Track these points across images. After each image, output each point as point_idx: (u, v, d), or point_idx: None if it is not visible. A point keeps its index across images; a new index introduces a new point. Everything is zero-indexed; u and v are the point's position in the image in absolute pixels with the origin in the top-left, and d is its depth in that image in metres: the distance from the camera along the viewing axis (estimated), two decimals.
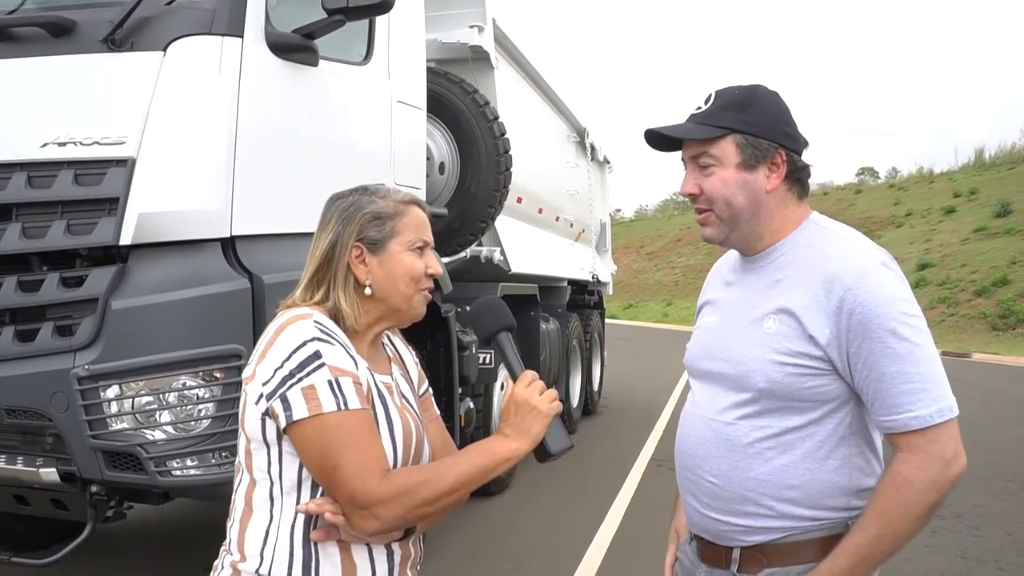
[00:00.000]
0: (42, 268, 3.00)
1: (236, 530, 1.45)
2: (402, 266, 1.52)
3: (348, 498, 1.36)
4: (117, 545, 4.78)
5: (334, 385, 1.38)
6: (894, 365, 1.42)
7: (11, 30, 3.07)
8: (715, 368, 1.64)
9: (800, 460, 1.51)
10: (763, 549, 1.54)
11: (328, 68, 3.59)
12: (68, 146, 2.93)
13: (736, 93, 1.61)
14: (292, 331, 1.41)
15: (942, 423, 1.42)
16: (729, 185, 1.58)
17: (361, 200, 1.53)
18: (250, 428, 1.42)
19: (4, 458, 3.00)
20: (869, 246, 1.56)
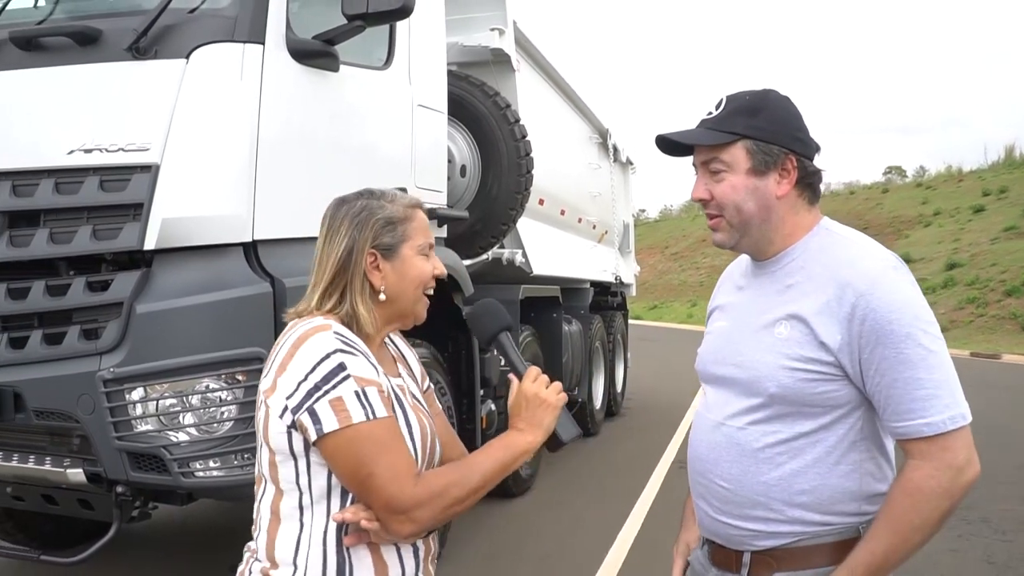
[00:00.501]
0: (69, 273, 3.06)
1: (264, 539, 1.46)
2: (414, 270, 1.55)
3: (384, 504, 1.39)
4: (143, 545, 4.85)
5: (361, 396, 1.40)
6: (907, 371, 1.42)
7: (40, 40, 3.13)
8: (726, 373, 1.64)
9: (811, 465, 1.51)
10: (773, 553, 1.54)
11: (349, 73, 3.63)
12: (94, 153, 2.98)
13: (747, 98, 1.61)
14: (313, 343, 1.41)
15: (954, 430, 1.41)
16: (739, 191, 1.58)
17: (371, 205, 1.53)
18: (275, 441, 1.42)
19: (33, 459, 3.07)
20: (880, 251, 1.55)
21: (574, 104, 7.98)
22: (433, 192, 4.50)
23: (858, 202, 41.61)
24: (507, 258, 5.93)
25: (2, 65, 3.18)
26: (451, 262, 4.63)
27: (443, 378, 4.50)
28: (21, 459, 3.07)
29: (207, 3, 3.08)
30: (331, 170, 3.52)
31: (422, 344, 4.38)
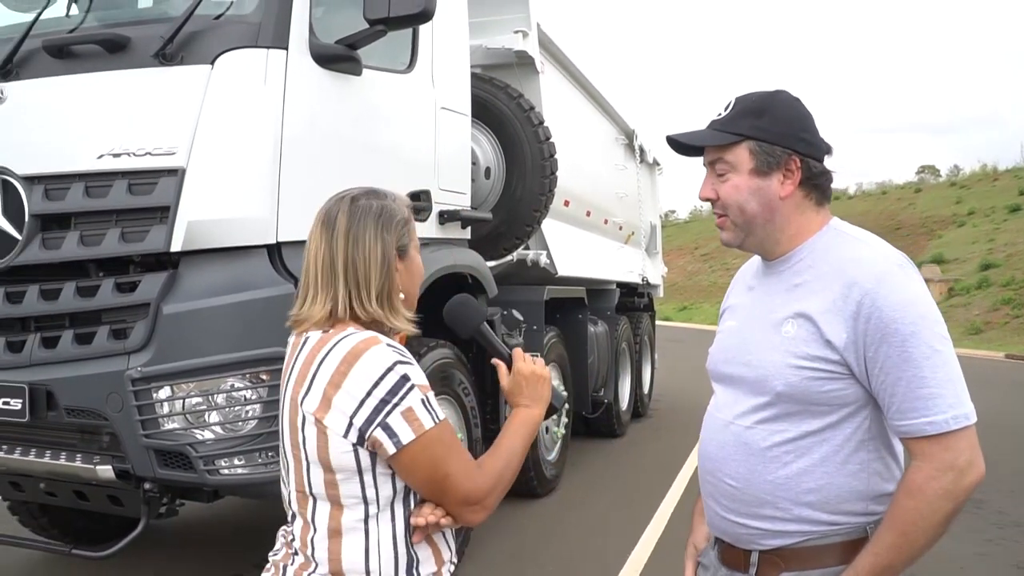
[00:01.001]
0: (99, 274, 3.13)
1: (324, 553, 1.45)
2: (419, 268, 1.59)
3: (463, 499, 1.47)
4: (174, 541, 4.94)
5: (426, 402, 1.44)
6: (910, 369, 1.42)
7: (71, 48, 3.22)
8: (735, 372, 1.65)
9: (818, 464, 1.51)
10: (781, 553, 1.55)
11: (372, 77, 3.68)
12: (122, 157, 3.05)
13: (754, 100, 1.62)
14: (371, 358, 1.41)
15: (957, 430, 1.41)
16: (742, 191, 1.60)
17: (387, 205, 1.53)
18: (338, 461, 1.41)
19: (64, 455, 3.14)
20: (888, 250, 1.55)
21: (599, 105, 7.98)
22: (457, 194, 4.54)
23: (890, 202, 41.06)
24: (532, 259, 5.96)
25: (35, 73, 3.28)
26: (475, 264, 4.67)
27: (467, 379, 4.52)
28: (53, 456, 3.15)
29: (232, 9, 3.16)
30: (354, 173, 3.56)
31: (446, 345, 4.41)
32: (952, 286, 26.52)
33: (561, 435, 6.46)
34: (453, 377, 4.39)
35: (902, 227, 36.62)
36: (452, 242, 4.51)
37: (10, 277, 3.24)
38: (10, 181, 3.22)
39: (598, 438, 8.25)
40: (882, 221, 38.51)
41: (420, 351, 4.11)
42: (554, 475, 6.27)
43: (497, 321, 5.04)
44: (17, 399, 3.12)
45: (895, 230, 37.93)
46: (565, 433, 6.57)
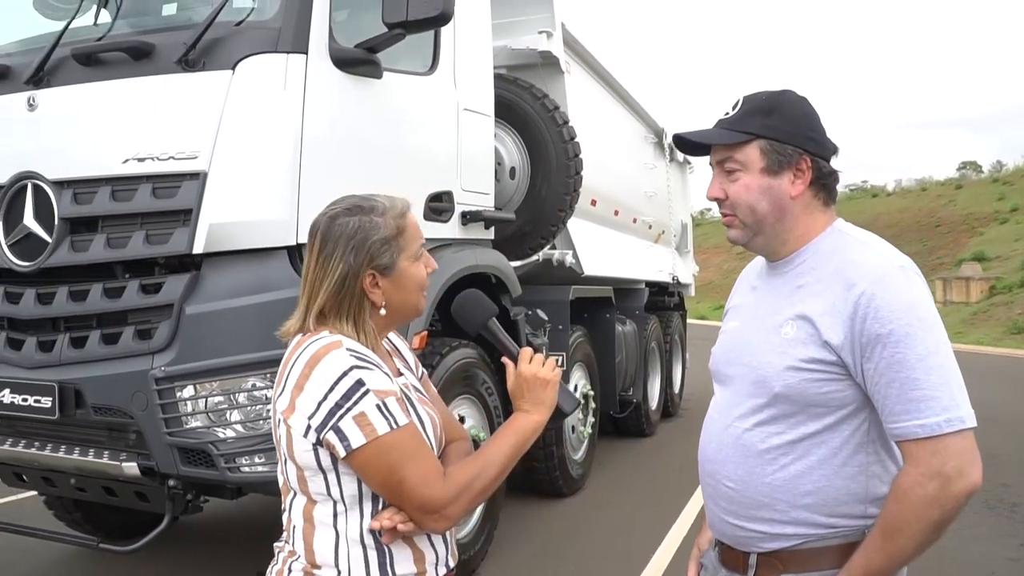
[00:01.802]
0: (124, 276, 3.21)
1: (301, 544, 1.51)
2: (412, 279, 1.59)
3: (418, 506, 1.46)
4: (201, 537, 5.04)
5: (382, 408, 1.45)
6: (904, 371, 1.40)
7: (99, 55, 3.30)
8: (735, 373, 1.65)
9: (816, 466, 1.51)
10: (779, 556, 1.54)
11: (393, 79, 3.71)
12: (147, 161, 3.13)
13: (762, 98, 1.61)
14: (329, 362, 1.45)
15: (951, 433, 1.38)
16: (752, 191, 1.59)
17: (364, 224, 1.54)
18: (302, 458, 1.47)
19: (92, 452, 3.23)
20: (889, 252, 1.54)
21: (628, 104, 7.95)
22: (480, 195, 4.57)
23: (930, 199, 40.30)
24: (557, 259, 5.95)
25: (65, 80, 3.36)
26: (498, 264, 4.69)
27: (491, 379, 4.55)
28: (81, 452, 3.23)
29: (253, 15, 3.21)
30: (376, 174, 3.61)
31: (470, 345, 4.44)
32: (994, 284, 25.98)
33: (588, 434, 6.46)
34: (476, 377, 4.42)
35: (942, 224, 35.95)
36: (476, 242, 4.53)
37: (41, 279, 3.34)
38: (41, 186, 3.31)
39: (627, 437, 8.23)
40: (922, 218, 37.88)
41: (442, 351, 4.15)
42: (580, 474, 6.27)
43: (521, 321, 5.05)
44: (47, 397, 3.21)
45: (935, 227, 37.24)
46: (592, 432, 6.56)
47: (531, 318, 5.39)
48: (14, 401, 3.30)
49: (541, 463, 5.78)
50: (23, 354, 3.33)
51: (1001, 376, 15.91)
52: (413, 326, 3.72)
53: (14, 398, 3.30)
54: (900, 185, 49.59)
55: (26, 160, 3.37)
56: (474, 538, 4.38)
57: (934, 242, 38.80)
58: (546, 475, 5.84)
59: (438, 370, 4.03)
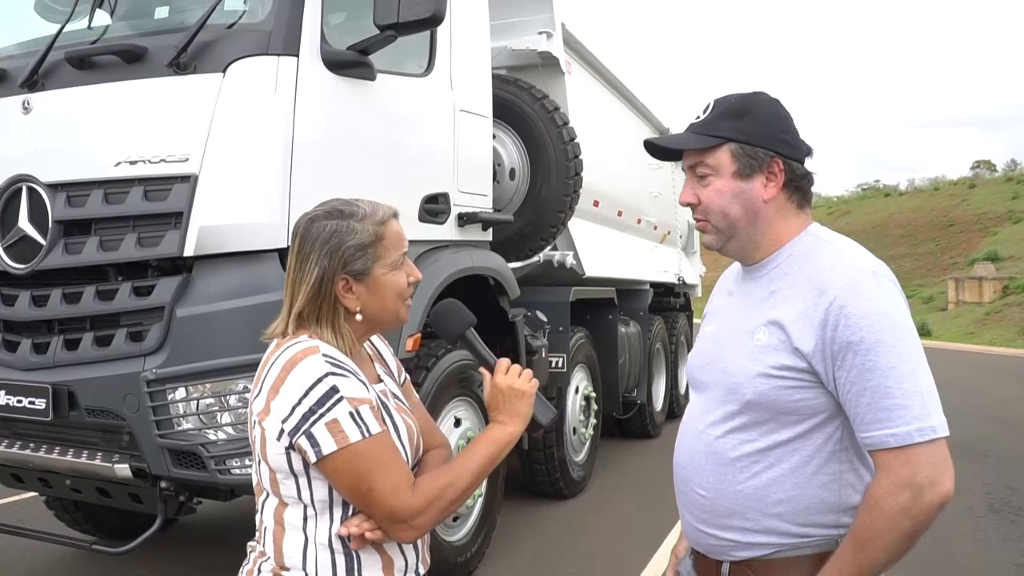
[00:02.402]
0: (117, 278, 3.22)
1: (271, 545, 1.52)
2: (388, 287, 1.58)
3: (386, 515, 1.47)
4: (202, 538, 5.06)
5: (355, 415, 1.45)
6: (875, 379, 1.38)
7: (92, 58, 3.31)
8: (709, 379, 1.63)
9: (788, 474, 1.49)
10: (751, 565, 1.53)
11: (388, 81, 3.71)
12: (138, 164, 3.14)
13: (733, 101, 1.60)
14: (304, 367, 1.45)
15: (922, 443, 1.36)
16: (724, 195, 1.57)
17: (340, 229, 1.54)
18: (274, 461, 1.48)
19: (86, 454, 3.24)
20: (862, 257, 1.51)
21: (631, 104, 7.94)
22: (477, 196, 4.56)
23: (943, 198, 40.04)
24: (558, 260, 5.94)
25: (59, 83, 3.38)
26: (495, 265, 4.68)
27: None
28: (75, 454, 3.25)
29: (244, 18, 3.22)
30: (369, 176, 3.61)
31: None
32: (1007, 284, 25.78)
33: (590, 436, 6.45)
34: (472, 379, 4.41)
35: (955, 224, 35.69)
36: (473, 244, 4.52)
37: (35, 281, 3.36)
38: (35, 188, 3.33)
39: (632, 439, 8.21)
40: (934, 218, 37.61)
41: (437, 353, 4.14)
42: (582, 476, 6.26)
43: (520, 322, 5.04)
44: (41, 399, 3.22)
45: (948, 227, 36.96)
46: (594, 434, 6.55)
47: (530, 319, 5.37)
48: (9, 402, 3.32)
49: (541, 465, 5.78)
50: (18, 356, 3.35)
51: (1013, 377, 15.80)
52: (406, 328, 3.72)
53: (9, 399, 3.32)
54: (913, 184, 49.33)
55: (21, 163, 3.39)
56: (471, 540, 4.38)
57: (947, 242, 38.54)
58: (546, 477, 5.83)
59: (433, 372, 4.03)
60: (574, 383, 6.20)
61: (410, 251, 4.15)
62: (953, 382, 14.81)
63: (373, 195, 3.59)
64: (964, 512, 5.77)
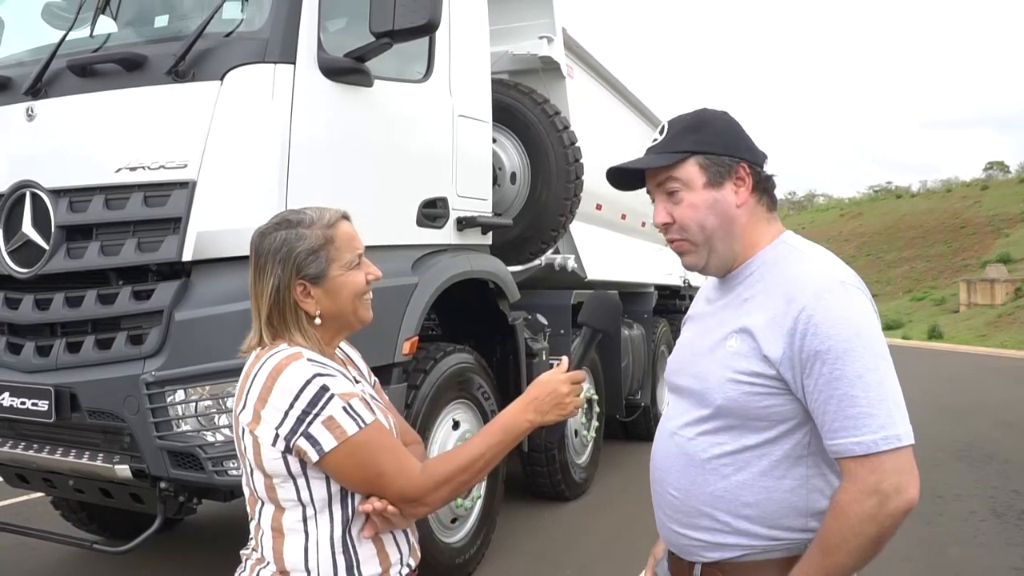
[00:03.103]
0: (118, 282, 3.28)
1: (271, 552, 1.56)
2: (345, 288, 1.63)
3: (398, 495, 1.55)
4: (206, 537, 5.12)
5: (349, 409, 1.51)
6: (842, 388, 1.41)
7: (94, 67, 3.37)
8: (683, 383, 1.67)
9: (756, 478, 1.52)
10: (722, 567, 1.55)
11: (386, 87, 3.76)
12: (138, 170, 3.20)
13: (687, 118, 1.64)
14: (291, 372, 1.50)
15: (887, 451, 1.38)
16: (699, 208, 1.59)
17: (289, 237, 1.60)
18: (271, 467, 1.52)
19: (87, 454, 3.30)
20: (832, 267, 1.54)
21: (633, 106, 7.96)
22: (477, 200, 4.60)
23: (955, 200, 39.82)
24: (559, 263, 5.98)
25: (62, 91, 3.45)
26: (494, 269, 4.72)
27: (487, 384, 4.58)
28: (77, 455, 3.30)
29: (242, 26, 3.27)
30: (366, 182, 3.66)
31: (465, 350, 4.48)
32: (1019, 286, 25.62)
33: (592, 438, 6.48)
34: (472, 381, 4.46)
35: (967, 225, 35.49)
36: (473, 248, 4.57)
37: (39, 285, 3.42)
38: (39, 194, 3.40)
39: (636, 441, 8.22)
40: (946, 219, 37.39)
41: (436, 356, 4.19)
42: (584, 478, 6.28)
43: (520, 325, 5.08)
44: (44, 401, 3.29)
45: (960, 228, 36.74)
46: (596, 436, 6.57)
47: (531, 323, 5.41)
48: (13, 404, 3.38)
49: (542, 467, 5.81)
50: (22, 358, 3.42)
51: None
52: (403, 331, 3.77)
53: (13, 401, 3.38)
54: (925, 186, 49.06)
55: (25, 169, 3.46)
56: (470, 542, 4.42)
57: (959, 243, 38.30)
58: (548, 479, 5.86)
59: (431, 375, 4.07)
60: None
61: (408, 255, 4.20)
62: (962, 385, 14.76)
63: (371, 200, 3.69)
64: (966, 516, 5.77)
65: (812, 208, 67.34)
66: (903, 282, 37.76)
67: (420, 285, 3.92)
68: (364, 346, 3.34)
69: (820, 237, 58.82)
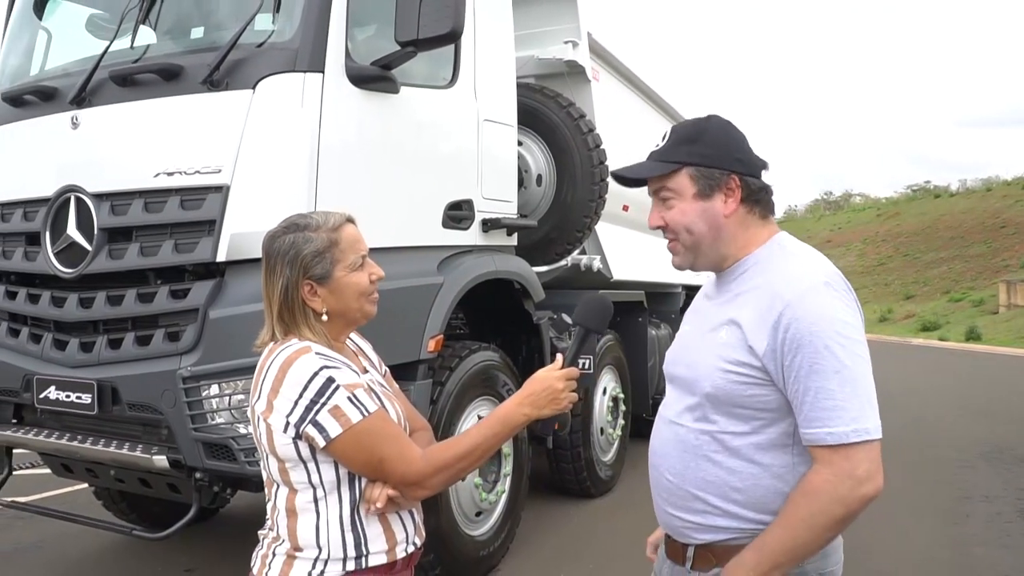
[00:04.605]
0: (156, 282, 3.45)
1: (285, 530, 1.70)
2: (349, 287, 1.75)
3: (400, 480, 1.67)
4: (235, 528, 5.29)
5: (353, 399, 1.64)
6: (819, 381, 1.51)
7: (134, 77, 3.55)
8: (678, 373, 1.78)
9: (744, 465, 1.62)
10: (713, 549, 1.65)
11: (412, 93, 3.88)
12: (175, 175, 3.36)
13: (688, 127, 1.74)
14: (300, 365, 1.63)
15: (857, 443, 1.49)
16: (688, 215, 1.71)
17: (297, 240, 1.72)
18: (283, 452, 1.65)
19: (127, 445, 3.47)
20: (817, 267, 1.64)
21: (660, 108, 8.03)
22: (502, 202, 4.71)
23: (995, 199, 39.07)
24: (586, 264, 6.07)
25: (104, 100, 3.63)
26: (519, 269, 4.82)
27: (512, 381, 4.69)
28: (118, 445, 3.48)
29: (273, 37, 3.41)
30: (393, 185, 3.79)
31: (491, 348, 4.60)
32: None
33: (618, 436, 6.56)
34: (496, 379, 4.57)
35: (1007, 225, 34.85)
36: (498, 249, 4.68)
37: (82, 284, 3.61)
38: (82, 198, 3.58)
39: None
40: (986, 219, 36.76)
41: (462, 353, 4.31)
42: (610, 476, 6.37)
43: (545, 325, 5.19)
44: (88, 394, 3.47)
45: (999, 228, 36.10)
46: (622, 435, 6.65)
47: (556, 322, 5.51)
48: (59, 397, 3.57)
49: (568, 464, 5.91)
50: (67, 354, 3.60)
51: None
52: (429, 329, 3.90)
53: (59, 395, 3.57)
54: (965, 185, 48.20)
55: (70, 175, 3.65)
56: (494, 535, 4.53)
57: (998, 244, 37.63)
58: (574, 476, 5.96)
59: (457, 372, 4.19)
60: (602, 384, 6.31)
61: (434, 255, 4.32)
62: (999, 387, 14.56)
63: (397, 202, 3.82)
64: (992, 517, 5.76)
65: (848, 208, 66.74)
66: (941, 283, 37.25)
67: (445, 285, 4.04)
68: (390, 343, 3.52)
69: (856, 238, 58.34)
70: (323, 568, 1.66)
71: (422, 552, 1.85)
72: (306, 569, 1.66)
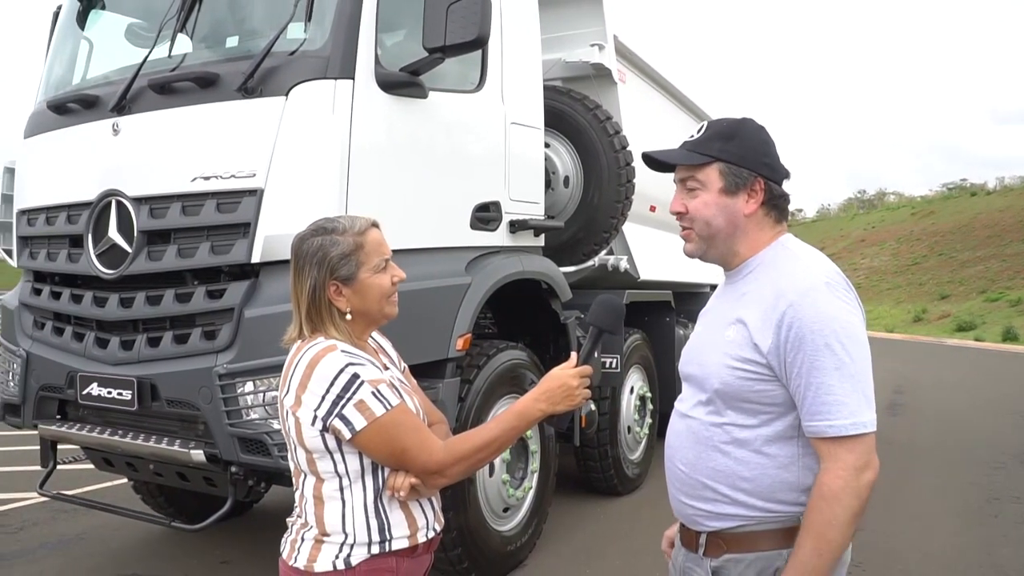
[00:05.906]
0: (193, 283, 3.57)
1: (313, 517, 1.81)
2: (373, 289, 1.85)
3: (421, 469, 1.78)
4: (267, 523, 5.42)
5: (377, 394, 1.75)
6: (820, 377, 1.59)
7: (172, 84, 3.68)
8: (690, 370, 1.86)
9: (752, 456, 1.69)
10: (723, 536, 1.73)
11: (441, 97, 3.98)
12: (212, 180, 3.48)
13: (724, 125, 1.81)
14: (327, 362, 1.74)
15: (856, 435, 1.57)
16: (710, 207, 1.78)
17: (324, 243, 1.82)
18: (311, 444, 1.75)
19: (166, 440, 3.60)
20: (819, 268, 1.71)
21: (688, 109, 8.04)
22: (529, 204, 4.79)
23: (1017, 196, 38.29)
24: (612, 264, 6.13)
25: (143, 107, 3.76)
26: (546, 270, 4.90)
27: (539, 379, 4.75)
28: (157, 440, 3.61)
29: (305, 45, 3.52)
30: (422, 188, 3.89)
31: (519, 347, 4.67)
32: None
33: (645, 435, 6.60)
34: (524, 377, 4.64)
35: None
36: (525, 250, 4.75)
37: (123, 285, 3.75)
38: (123, 202, 3.72)
39: None
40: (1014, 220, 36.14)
41: (489, 352, 4.39)
42: (637, 474, 6.42)
43: (572, 324, 5.25)
44: (128, 391, 3.60)
45: None
46: (650, 433, 6.70)
47: (583, 322, 5.57)
48: (101, 394, 3.71)
49: (595, 462, 5.97)
50: (108, 352, 3.74)
51: None
52: (457, 328, 3.99)
53: (101, 391, 3.71)
54: (1002, 182, 47.34)
55: (111, 179, 3.79)
56: (521, 531, 4.61)
57: None
58: (601, 474, 6.02)
59: (484, 370, 4.28)
60: (629, 383, 6.36)
61: (462, 256, 4.41)
62: None
63: (426, 205, 3.91)
64: (1022, 519, 5.72)
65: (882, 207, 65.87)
66: (977, 282, 36.63)
67: (473, 285, 4.13)
68: (419, 342, 3.61)
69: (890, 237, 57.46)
70: (349, 552, 1.76)
71: (447, 545, 1.95)
72: (333, 553, 1.76)
